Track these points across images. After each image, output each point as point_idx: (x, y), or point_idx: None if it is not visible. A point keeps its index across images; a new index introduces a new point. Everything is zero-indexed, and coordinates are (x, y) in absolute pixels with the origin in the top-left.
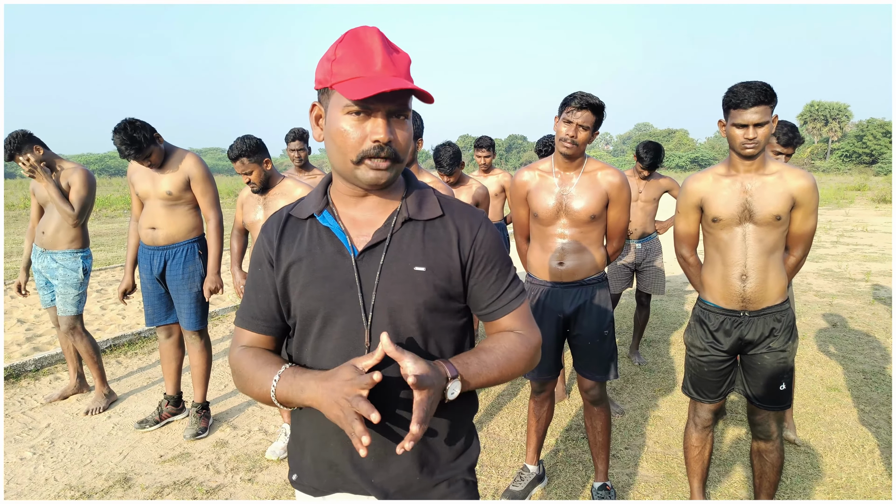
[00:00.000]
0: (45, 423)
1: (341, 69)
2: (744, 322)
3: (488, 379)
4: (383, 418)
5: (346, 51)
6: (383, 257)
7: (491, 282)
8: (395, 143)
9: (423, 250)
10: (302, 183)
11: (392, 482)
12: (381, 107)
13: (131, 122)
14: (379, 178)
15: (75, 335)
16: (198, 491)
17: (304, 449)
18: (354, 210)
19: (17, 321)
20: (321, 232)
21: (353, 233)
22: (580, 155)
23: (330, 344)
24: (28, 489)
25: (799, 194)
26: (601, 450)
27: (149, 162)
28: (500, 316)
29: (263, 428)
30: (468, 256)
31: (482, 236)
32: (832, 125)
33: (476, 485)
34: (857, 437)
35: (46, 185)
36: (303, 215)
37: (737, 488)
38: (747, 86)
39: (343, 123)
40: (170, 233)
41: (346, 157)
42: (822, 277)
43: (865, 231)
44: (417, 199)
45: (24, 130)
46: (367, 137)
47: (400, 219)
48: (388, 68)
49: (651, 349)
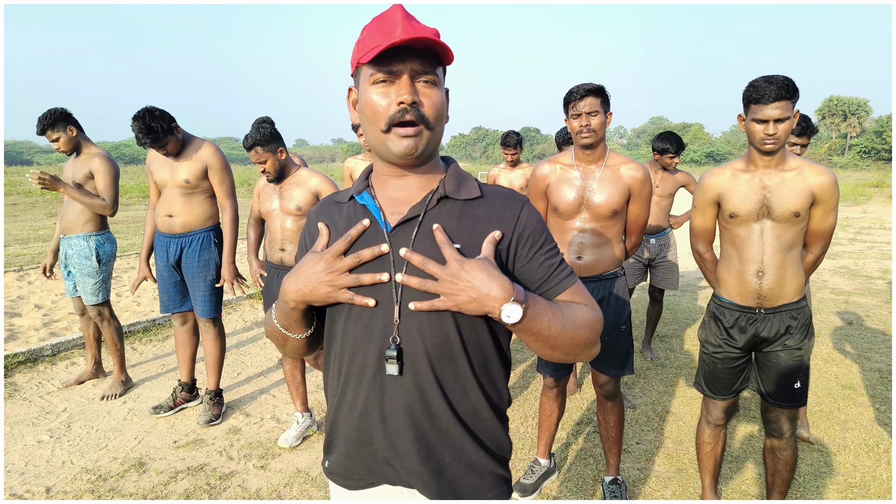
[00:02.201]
0: (62, 407)
1: (365, 44)
2: (759, 319)
3: (550, 325)
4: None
5: (371, 29)
6: (415, 232)
7: (541, 260)
8: (421, 106)
9: (460, 227)
10: (317, 173)
11: (425, 465)
12: (403, 68)
13: (150, 111)
14: (409, 147)
15: (103, 321)
16: (211, 476)
17: (337, 428)
18: (392, 189)
19: (35, 306)
20: (357, 210)
21: (388, 210)
22: (601, 142)
23: (360, 322)
24: (45, 471)
25: (819, 191)
26: (613, 444)
27: (165, 151)
28: (555, 294)
29: (276, 416)
30: (511, 238)
31: (525, 216)
32: (851, 121)
33: (510, 481)
34: (871, 436)
35: (69, 193)
36: (344, 199)
37: (749, 485)
38: (768, 80)
39: (371, 93)
40: (186, 221)
41: (376, 128)
42: (838, 275)
43: (883, 228)
44: (456, 180)
45: (63, 109)
46: (392, 102)
47: (437, 196)
48: (408, 32)
49: (664, 344)
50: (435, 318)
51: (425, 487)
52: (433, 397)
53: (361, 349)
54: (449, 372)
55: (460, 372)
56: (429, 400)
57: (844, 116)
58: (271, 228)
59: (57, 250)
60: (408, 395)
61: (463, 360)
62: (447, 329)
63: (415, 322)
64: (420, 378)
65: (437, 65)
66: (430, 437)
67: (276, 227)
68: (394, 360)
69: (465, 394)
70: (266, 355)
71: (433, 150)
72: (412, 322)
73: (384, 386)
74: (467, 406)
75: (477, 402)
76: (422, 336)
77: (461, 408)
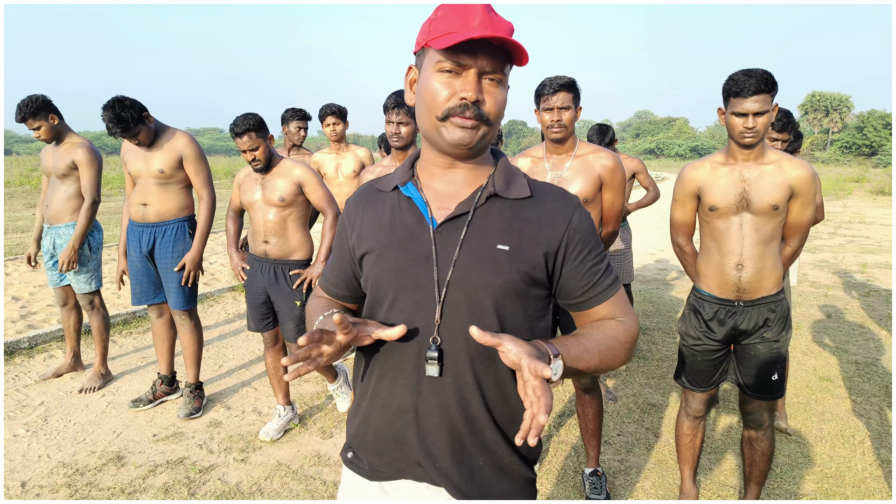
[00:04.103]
0: (39, 400)
1: (439, 26)
2: (738, 311)
3: (588, 364)
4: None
5: (447, 10)
6: (465, 232)
7: (587, 268)
8: (483, 105)
9: (509, 229)
10: (299, 163)
11: (458, 468)
12: (473, 63)
13: (120, 101)
14: (464, 138)
15: (93, 310)
16: (191, 470)
17: (367, 423)
18: (439, 182)
19: (12, 298)
20: (402, 202)
21: (434, 205)
22: (570, 135)
23: (401, 319)
24: (21, 465)
25: (797, 184)
26: (592, 436)
27: (137, 140)
28: (595, 304)
29: (257, 409)
30: (560, 242)
31: (577, 221)
32: (833, 116)
33: (535, 482)
34: (847, 427)
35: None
36: (387, 188)
37: (727, 476)
38: (748, 74)
39: (434, 80)
40: (161, 210)
41: (432, 115)
42: (817, 268)
43: (863, 223)
44: (506, 178)
45: (44, 96)
46: (455, 94)
47: (485, 193)
48: (487, 26)
49: (645, 337)
50: (478, 319)
51: (455, 489)
52: (472, 400)
53: (399, 346)
54: (490, 375)
55: (501, 376)
56: (468, 403)
57: (826, 112)
58: (253, 220)
59: (40, 239)
60: (446, 396)
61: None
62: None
63: (457, 322)
64: (460, 381)
65: (506, 62)
66: (466, 440)
67: (259, 218)
68: (434, 362)
69: (505, 398)
70: (248, 348)
71: (486, 145)
72: (454, 322)
73: (420, 385)
74: (506, 410)
75: (516, 406)
76: (465, 337)
77: (500, 412)
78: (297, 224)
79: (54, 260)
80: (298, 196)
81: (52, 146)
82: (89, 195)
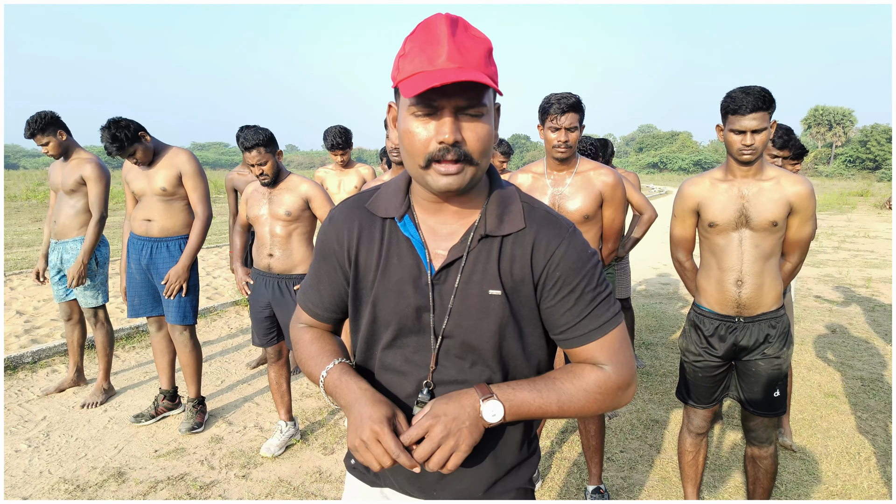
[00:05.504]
0: (41, 415)
1: (406, 65)
2: (738, 328)
3: (543, 410)
4: None
5: (413, 44)
6: (458, 279)
7: (567, 307)
8: (464, 144)
9: (500, 271)
10: (307, 179)
11: (454, 496)
12: (447, 103)
13: (116, 121)
14: (450, 185)
15: (98, 324)
16: (192, 486)
17: None
18: (434, 219)
19: (16, 312)
20: (401, 241)
21: (431, 245)
22: (573, 155)
23: (396, 360)
24: (22, 481)
25: (796, 200)
26: (594, 453)
27: (135, 159)
28: (576, 345)
29: (259, 424)
30: (540, 276)
31: (560, 255)
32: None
33: (532, 492)
34: (853, 444)
35: (85, 258)
36: (380, 213)
37: (731, 493)
38: (745, 91)
39: (410, 125)
40: (164, 225)
41: (414, 162)
42: (822, 283)
43: (867, 237)
44: (499, 209)
45: (52, 112)
46: (432, 139)
47: (477, 235)
48: (454, 59)
49: (649, 352)
50: (479, 371)
51: None
52: None
53: (397, 381)
54: None
55: None
56: None
57: (830, 126)
58: (259, 234)
59: (48, 255)
60: None
61: None
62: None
63: (449, 371)
64: None
65: (484, 93)
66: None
67: (265, 232)
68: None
69: (495, 433)
70: None
71: (476, 183)
72: (447, 370)
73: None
74: (495, 440)
75: (508, 437)
76: (457, 386)
77: (488, 446)
78: (303, 239)
79: (61, 275)
80: (305, 211)
81: (60, 162)
82: (97, 210)
